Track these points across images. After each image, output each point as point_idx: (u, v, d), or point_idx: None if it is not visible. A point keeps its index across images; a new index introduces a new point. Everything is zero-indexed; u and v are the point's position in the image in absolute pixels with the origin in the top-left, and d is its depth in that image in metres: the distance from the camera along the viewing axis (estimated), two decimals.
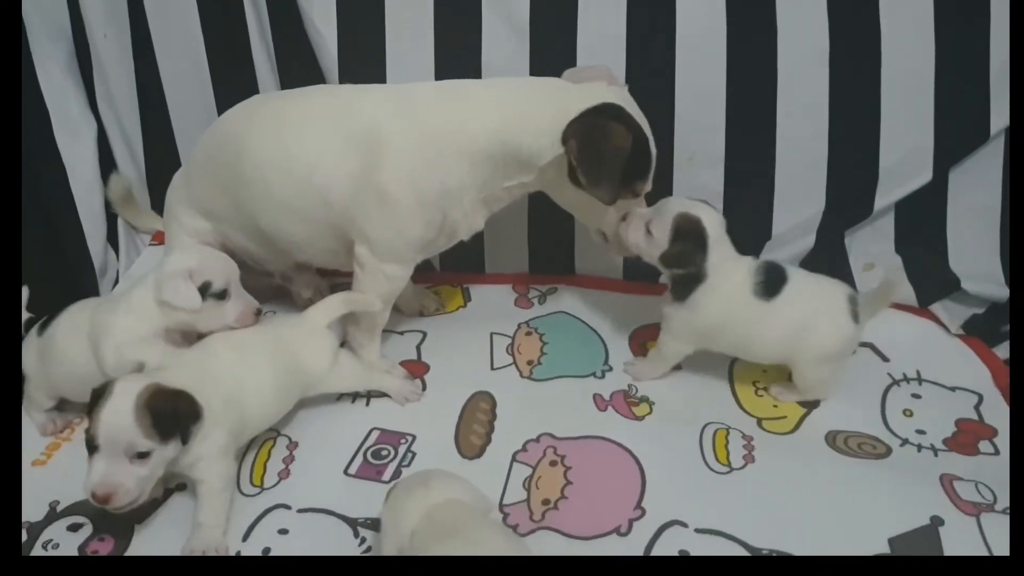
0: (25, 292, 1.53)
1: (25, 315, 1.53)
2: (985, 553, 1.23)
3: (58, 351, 1.45)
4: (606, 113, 1.41)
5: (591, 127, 1.40)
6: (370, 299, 1.54)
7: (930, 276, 1.74)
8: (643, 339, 1.72)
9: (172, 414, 1.23)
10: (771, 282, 1.48)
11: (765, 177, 1.75)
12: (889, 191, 1.73)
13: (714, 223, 1.47)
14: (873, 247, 1.79)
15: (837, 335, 1.48)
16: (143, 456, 1.21)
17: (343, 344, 1.61)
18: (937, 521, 1.29)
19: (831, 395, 1.54)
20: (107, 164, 1.92)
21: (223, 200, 1.59)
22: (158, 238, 1.97)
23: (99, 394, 1.23)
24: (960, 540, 1.26)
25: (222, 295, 1.38)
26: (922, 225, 1.76)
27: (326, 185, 1.47)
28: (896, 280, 1.60)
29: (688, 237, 1.46)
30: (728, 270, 1.48)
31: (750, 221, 1.76)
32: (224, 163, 1.56)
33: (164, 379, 1.27)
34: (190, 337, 1.45)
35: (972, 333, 1.68)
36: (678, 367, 1.62)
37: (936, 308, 1.72)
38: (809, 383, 1.53)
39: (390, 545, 1.16)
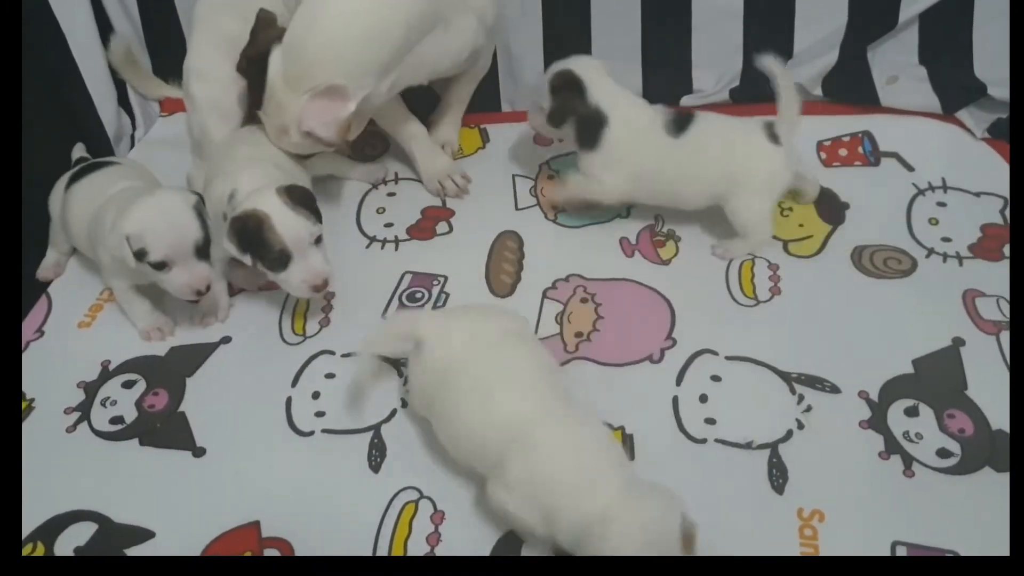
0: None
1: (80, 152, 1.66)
2: (1004, 370, 1.28)
3: (71, 213, 1.48)
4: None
5: None
6: None
7: (955, 84, 1.71)
8: None
9: (309, 196, 1.38)
10: (679, 120, 1.46)
11: None
12: (914, 1, 1.68)
13: (587, 67, 1.47)
14: (897, 59, 1.75)
15: (763, 161, 1.44)
16: (319, 239, 1.36)
17: None
18: (959, 342, 1.33)
19: (767, 236, 1.50)
20: (104, 30, 1.86)
21: None
22: (167, 107, 1.95)
23: (254, 226, 1.32)
24: (980, 359, 1.30)
25: (159, 266, 1.33)
26: (947, 34, 1.72)
27: None
28: (784, 75, 1.43)
29: (561, 88, 1.46)
30: (629, 109, 1.47)
31: (771, 39, 1.70)
32: None
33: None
34: None
35: (998, 137, 1.66)
36: None
37: (962, 115, 1.70)
38: (748, 220, 1.48)
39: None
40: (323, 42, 1.36)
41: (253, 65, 1.41)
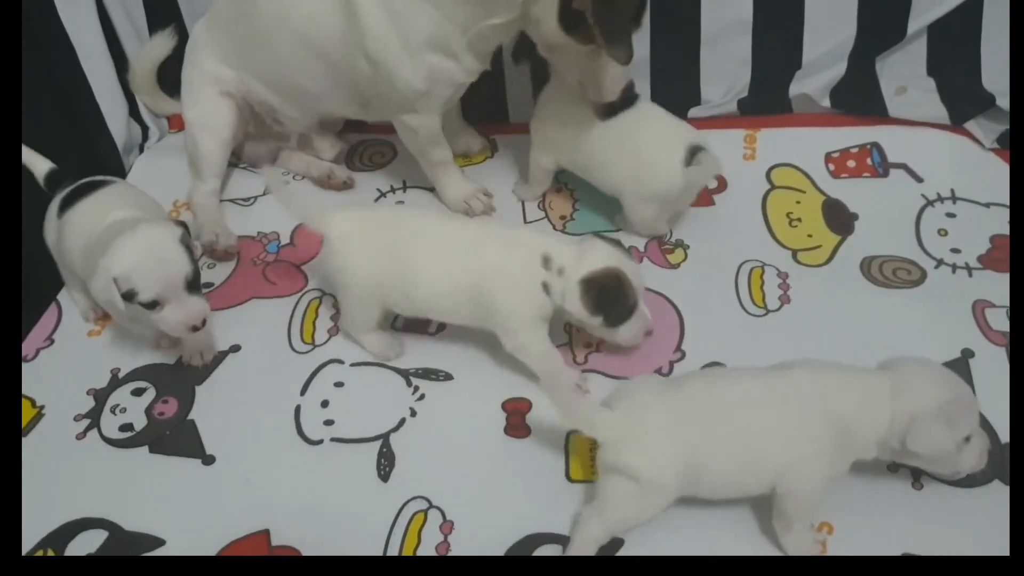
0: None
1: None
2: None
3: (66, 241, 1.41)
4: None
5: None
6: None
7: (964, 95, 1.70)
8: None
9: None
10: (614, 104, 1.48)
11: (795, 3, 1.69)
12: (922, 13, 1.67)
13: None
14: (905, 70, 1.75)
15: (663, 175, 1.46)
16: None
17: None
18: (968, 354, 1.33)
19: (661, 230, 1.57)
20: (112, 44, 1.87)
21: (242, 52, 1.61)
22: (175, 124, 1.95)
23: (614, 285, 1.25)
24: (990, 370, 1.30)
25: (151, 306, 1.26)
26: (956, 45, 1.71)
27: (323, 44, 1.48)
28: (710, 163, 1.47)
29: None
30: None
31: (780, 49, 1.72)
32: (235, 18, 1.59)
33: None
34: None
35: (1007, 147, 1.65)
36: (712, 203, 1.63)
37: (970, 126, 1.70)
38: (635, 218, 1.54)
39: None
40: None
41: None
